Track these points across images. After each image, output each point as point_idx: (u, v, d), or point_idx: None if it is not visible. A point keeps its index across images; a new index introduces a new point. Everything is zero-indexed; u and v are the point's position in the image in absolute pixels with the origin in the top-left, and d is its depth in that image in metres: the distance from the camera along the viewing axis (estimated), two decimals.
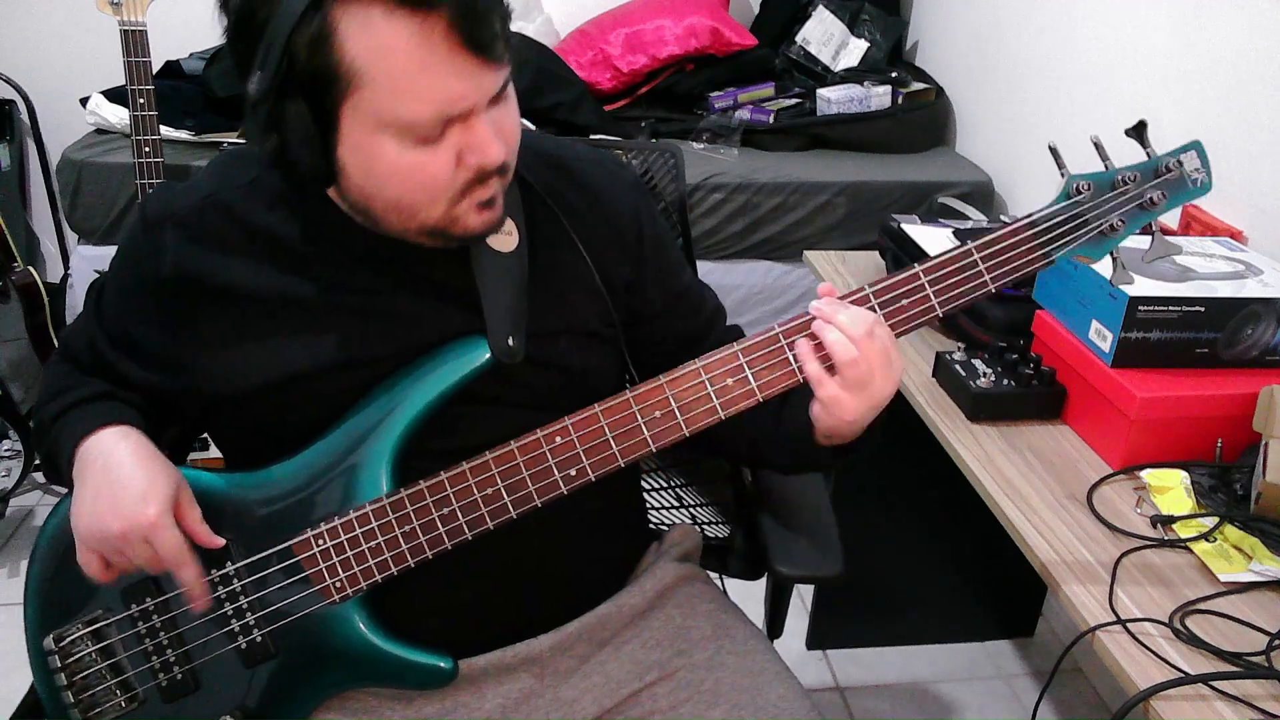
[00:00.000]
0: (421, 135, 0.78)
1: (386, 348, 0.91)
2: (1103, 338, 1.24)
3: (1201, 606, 0.99)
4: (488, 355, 0.89)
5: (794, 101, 2.76)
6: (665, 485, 1.39)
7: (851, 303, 0.86)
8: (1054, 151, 0.90)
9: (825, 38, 2.85)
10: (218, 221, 0.91)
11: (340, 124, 0.78)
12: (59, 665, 0.93)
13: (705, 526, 1.38)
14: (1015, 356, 1.35)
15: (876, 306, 0.86)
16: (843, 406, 0.85)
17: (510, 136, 0.83)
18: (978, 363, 1.36)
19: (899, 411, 1.46)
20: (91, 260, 2.27)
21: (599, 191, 0.99)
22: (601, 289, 0.97)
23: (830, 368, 0.85)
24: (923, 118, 2.71)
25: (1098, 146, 0.89)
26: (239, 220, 0.91)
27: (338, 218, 0.89)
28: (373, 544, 0.89)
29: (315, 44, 0.74)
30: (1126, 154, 0.90)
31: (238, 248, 0.90)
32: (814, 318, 0.85)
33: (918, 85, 2.77)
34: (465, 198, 0.82)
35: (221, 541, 0.90)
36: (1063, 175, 0.88)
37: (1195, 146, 0.89)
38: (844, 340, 0.83)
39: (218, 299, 0.90)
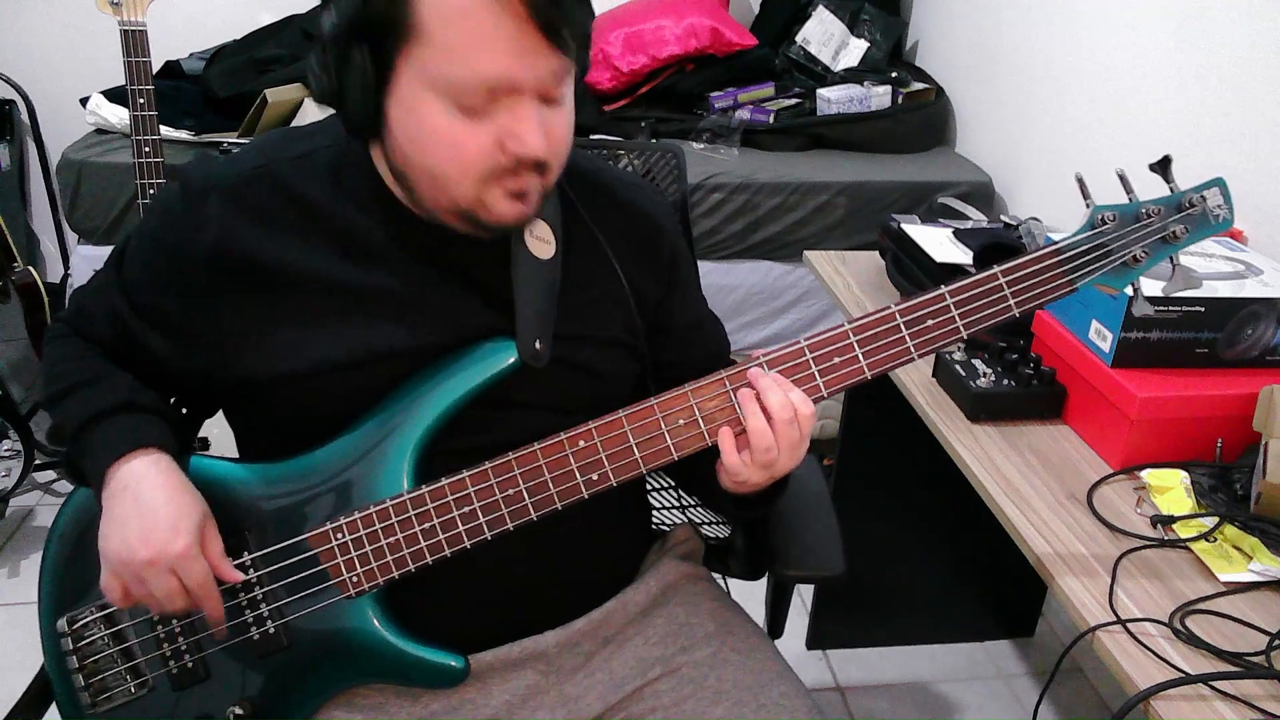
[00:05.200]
0: (466, 104, 0.78)
1: (419, 341, 0.91)
2: (1103, 338, 1.25)
3: (1201, 606, 0.99)
4: (514, 357, 0.90)
5: (794, 101, 2.77)
6: (668, 485, 1.39)
7: (873, 320, 0.87)
8: (1080, 182, 0.91)
9: (825, 38, 2.85)
10: (266, 194, 0.90)
11: (395, 76, 0.79)
12: (70, 648, 0.94)
13: (707, 526, 1.38)
14: (1015, 356, 1.35)
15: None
16: (740, 477, 0.88)
17: (556, 140, 0.84)
18: (978, 363, 1.37)
19: (899, 411, 1.47)
20: (91, 260, 2.27)
21: (635, 212, 1.00)
22: (629, 300, 0.97)
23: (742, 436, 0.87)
24: (923, 118, 2.71)
25: (1122, 179, 0.90)
26: (289, 193, 0.90)
27: (387, 202, 0.89)
28: (391, 540, 0.89)
29: None
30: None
31: (285, 223, 0.89)
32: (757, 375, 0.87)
33: (918, 85, 2.77)
34: (498, 183, 0.83)
35: (241, 577, 0.90)
36: (1088, 205, 0.90)
37: (1219, 183, 0.90)
38: (765, 429, 0.86)
39: (259, 278, 0.89)
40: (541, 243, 0.92)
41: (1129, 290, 0.92)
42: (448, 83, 0.77)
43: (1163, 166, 0.89)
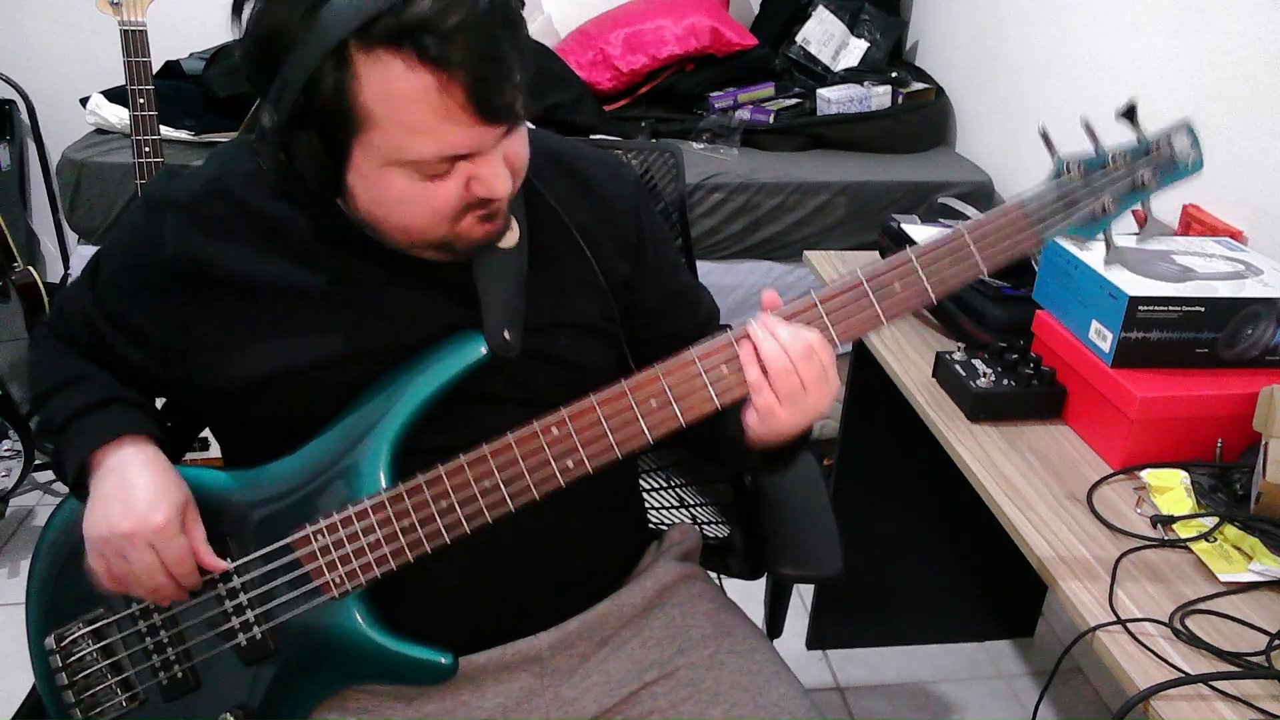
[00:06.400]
0: (429, 172, 0.80)
1: (387, 341, 0.91)
2: (1103, 338, 1.24)
3: (1201, 606, 0.99)
4: (484, 349, 0.90)
5: (794, 101, 2.76)
6: (665, 485, 1.39)
7: (839, 293, 0.86)
8: (1045, 136, 0.89)
9: (825, 38, 2.85)
10: (220, 207, 0.91)
11: (351, 157, 0.80)
12: (60, 665, 0.93)
13: (705, 526, 1.38)
14: (1015, 356, 1.35)
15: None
16: (775, 417, 0.86)
17: (518, 164, 0.85)
18: (978, 363, 1.36)
19: (899, 411, 1.47)
20: None
21: (601, 190, 1.00)
22: (602, 284, 0.97)
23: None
24: (923, 118, 2.71)
25: (1088, 128, 0.88)
26: (241, 206, 0.91)
27: (340, 213, 0.89)
28: (371, 539, 0.89)
29: (331, 87, 0.75)
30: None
31: (239, 234, 0.90)
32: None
33: (918, 85, 2.77)
34: (469, 214, 0.84)
35: (223, 565, 0.91)
36: (1054, 159, 0.88)
37: (1185, 125, 0.89)
38: (780, 353, 0.84)
39: (219, 289, 0.90)
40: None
41: (1100, 239, 0.90)
42: (407, 159, 0.78)
43: (1129, 114, 0.87)
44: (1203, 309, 1.22)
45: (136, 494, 0.88)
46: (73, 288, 1.01)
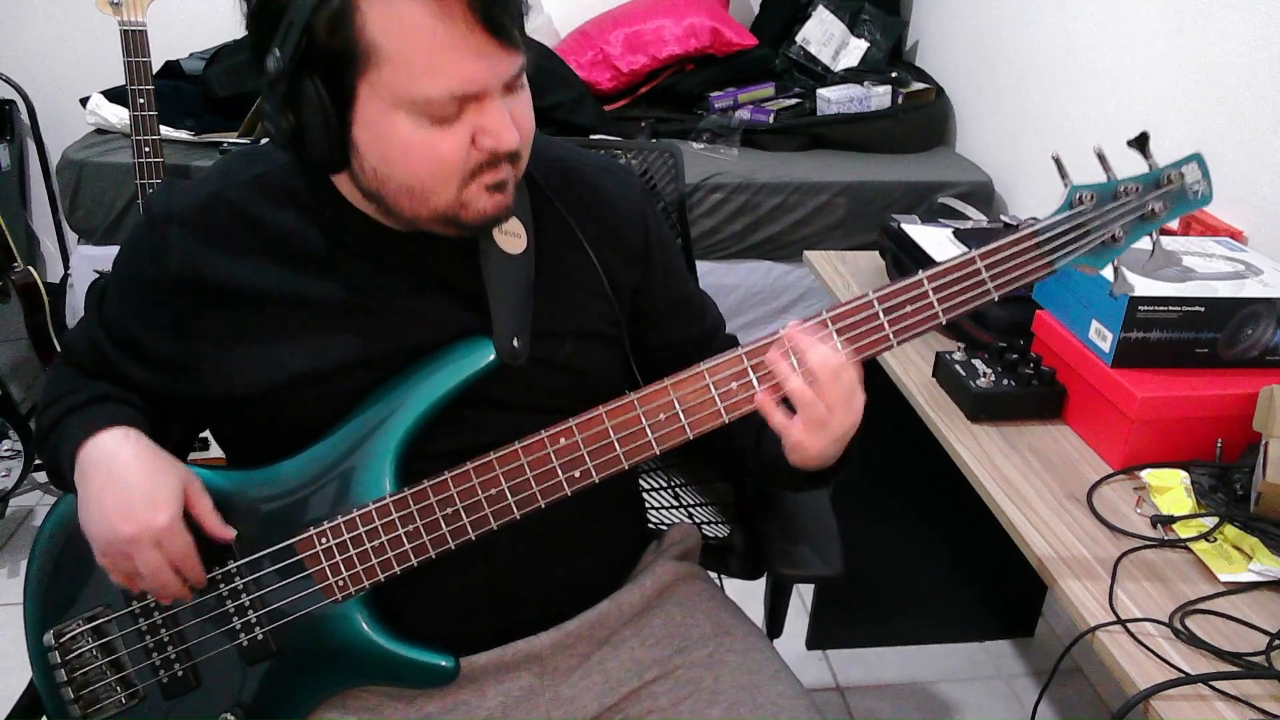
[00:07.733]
0: (436, 115, 0.79)
1: (393, 347, 0.91)
2: (1103, 338, 1.24)
3: (1201, 606, 0.99)
4: (492, 356, 0.90)
5: (794, 101, 2.77)
6: (664, 485, 1.39)
7: (850, 313, 0.86)
8: (1057, 162, 0.90)
9: (825, 38, 2.85)
10: (224, 219, 0.90)
11: (356, 102, 0.79)
12: (59, 661, 0.93)
13: (705, 526, 1.38)
14: (1015, 356, 1.35)
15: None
16: (805, 448, 0.86)
17: (524, 126, 0.84)
18: (978, 363, 1.36)
19: (899, 411, 1.47)
20: (91, 260, 2.27)
21: (607, 197, 1.00)
22: (608, 291, 0.97)
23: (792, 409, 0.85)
24: (923, 118, 2.71)
25: (1101, 158, 0.89)
26: (245, 217, 0.90)
27: (348, 214, 0.89)
28: (375, 543, 0.89)
29: (336, 22, 0.75)
30: (1128, 158, 0.90)
31: (245, 246, 0.90)
32: (785, 350, 0.85)
33: (918, 85, 2.77)
34: (475, 180, 0.83)
35: (233, 533, 0.90)
36: (1065, 185, 0.89)
37: (1196, 159, 0.90)
38: (803, 388, 0.84)
39: (225, 299, 0.90)
40: (511, 237, 0.92)
41: (1109, 270, 0.91)
42: (415, 99, 0.78)
43: (1140, 144, 0.89)
44: (1203, 309, 1.22)
45: (131, 492, 0.87)
46: (83, 317, 1.02)
